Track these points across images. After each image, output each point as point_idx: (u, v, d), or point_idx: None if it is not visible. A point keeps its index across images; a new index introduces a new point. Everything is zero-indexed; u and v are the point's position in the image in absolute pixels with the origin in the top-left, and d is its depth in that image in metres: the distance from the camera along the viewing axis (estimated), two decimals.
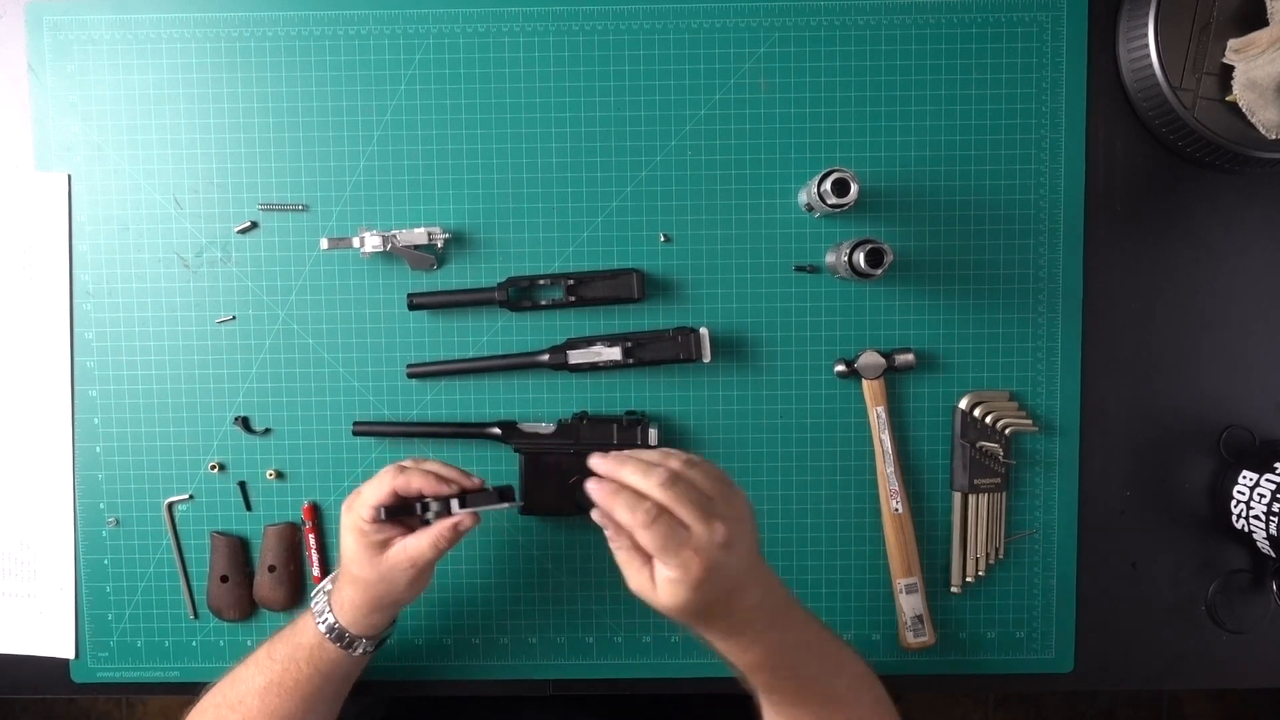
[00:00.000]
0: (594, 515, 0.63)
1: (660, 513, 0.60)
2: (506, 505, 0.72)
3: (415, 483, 0.70)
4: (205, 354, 0.85)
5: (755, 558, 0.65)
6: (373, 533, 0.70)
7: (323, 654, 0.74)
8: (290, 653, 0.74)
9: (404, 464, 0.72)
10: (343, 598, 0.73)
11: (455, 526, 0.71)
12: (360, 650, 0.75)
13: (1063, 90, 0.83)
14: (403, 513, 0.71)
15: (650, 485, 0.60)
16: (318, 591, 0.77)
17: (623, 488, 0.61)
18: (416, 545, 0.70)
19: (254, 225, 0.84)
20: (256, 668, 0.74)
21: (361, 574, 0.71)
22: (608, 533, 0.63)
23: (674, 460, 0.63)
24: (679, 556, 0.59)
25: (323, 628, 0.73)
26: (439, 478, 0.71)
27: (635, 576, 0.62)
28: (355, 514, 0.71)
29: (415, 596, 0.74)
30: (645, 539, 0.60)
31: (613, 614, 0.86)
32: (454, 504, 0.71)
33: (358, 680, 0.87)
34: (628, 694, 0.88)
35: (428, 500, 0.71)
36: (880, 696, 0.73)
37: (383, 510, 0.70)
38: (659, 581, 0.61)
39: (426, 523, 0.71)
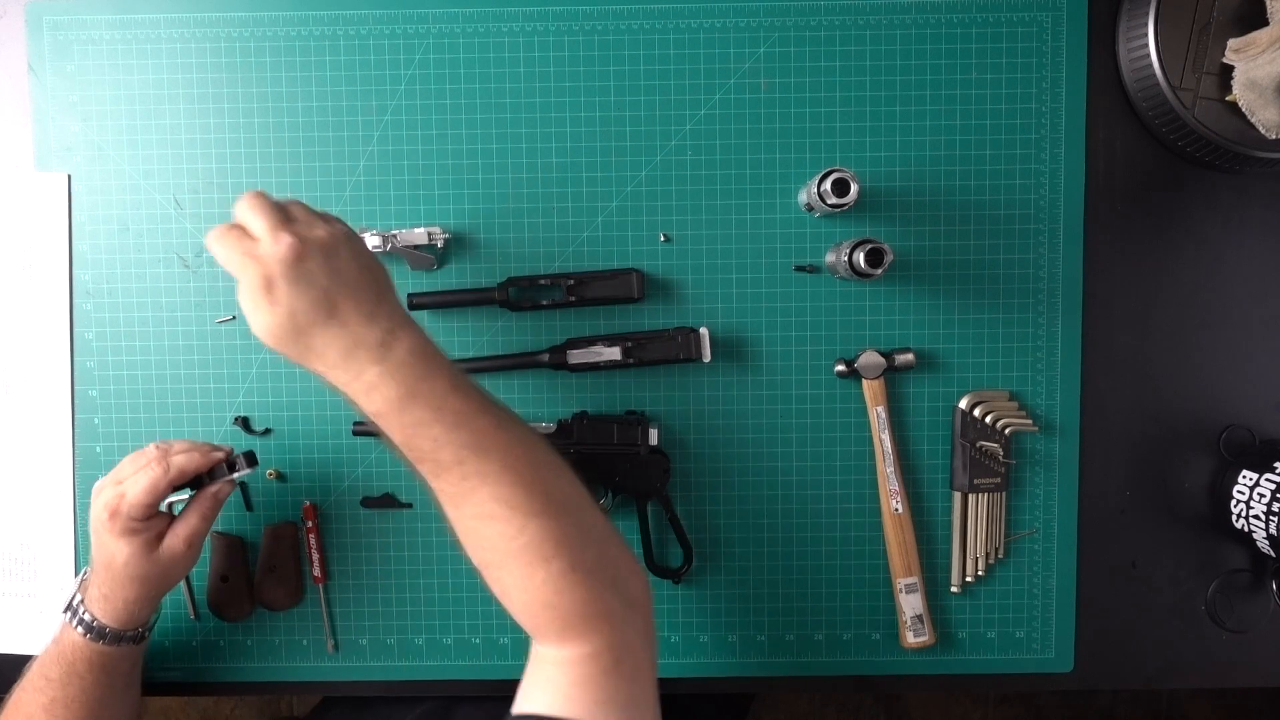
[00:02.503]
0: None
1: (230, 229, 0.61)
2: (252, 470, 0.75)
3: (189, 467, 0.71)
4: (205, 354, 0.85)
5: (364, 293, 0.62)
6: (144, 530, 0.71)
7: (103, 658, 0.73)
8: (65, 670, 0.73)
9: (152, 454, 0.71)
10: (115, 601, 0.72)
11: (215, 495, 0.74)
12: (142, 637, 0.76)
13: (1063, 90, 0.83)
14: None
15: (234, 209, 0.63)
16: (68, 603, 0.74)
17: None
18: (188, 526, 0.73)
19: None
20: (34, 689, 0.74)
21: (140, 572, 0.71)
22: None
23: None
24: (241, 264, 0.60)
25: (92, 638, 0.72)
26: (203, 452, 0.72)
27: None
28: (124, 517, 0.70)
29: (188, 572, 0.76)
30: (217, 253, 0.61)
31: None
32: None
33: (356, 681, 0.87)
34: None
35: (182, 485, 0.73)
36: (541, 477, 0.63)
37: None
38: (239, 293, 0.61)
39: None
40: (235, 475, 0.75)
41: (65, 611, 0.75)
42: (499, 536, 0.62)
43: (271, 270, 0.59)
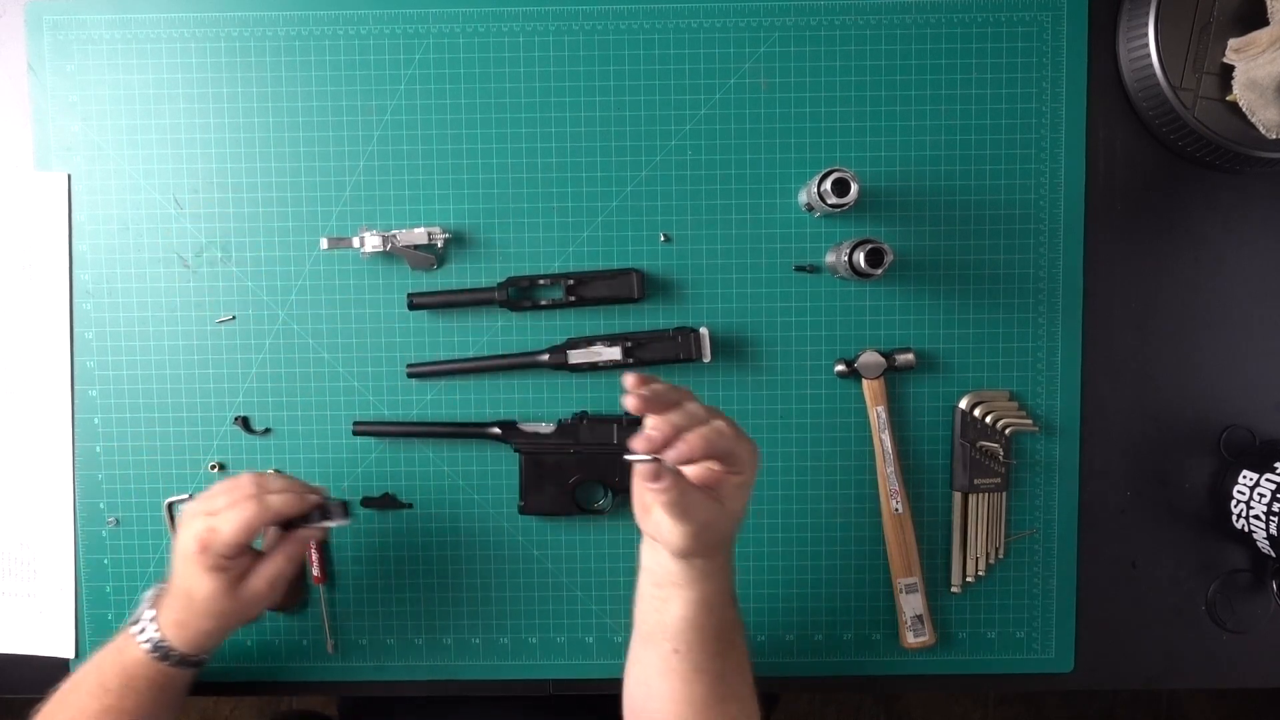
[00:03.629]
0: (637, 469, 0.61)
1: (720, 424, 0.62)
2: (347, 521, 0.74)
3: (285, 510, 0.70)
4: (205, 354, 0.85)
5: None
6: (232, 568, 0.69)
7: (163, 678, 0.73)
8: (125, 683, 0.72)
9: (249, 490, 0.70)
10: (189, 630, 0.71)
11: (304, 540, 0.73)
12: (204, 663, 0.75)
13: (1063, 90, 0.83)
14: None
15: (694, 410, 0.62)
16: (140, 618, 0.73)
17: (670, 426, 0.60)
18: (274, 568, 0.72)
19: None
20: (88, 694, 0.73)
21: (220, 609, 0.70)
22: (647, 479, 0.60)
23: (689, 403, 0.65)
24: (749, 452, 0.63)
25: (158, 658, 0.72)
26: (299, 495, 0.71)
27: (698, 507, 0.61)
28: (214, 554, 0.68)
29: (264, 611, 0.76)
30: (723, 446, 0.60)
31: (613, 614, 0.86)
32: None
33: (358, 681, 0.87)
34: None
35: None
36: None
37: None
38: (730, 493, 0.62)
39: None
40: (328, 524, 0.73)
41: (134, 626, 0.73)
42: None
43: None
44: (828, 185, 0.76)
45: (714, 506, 0.62)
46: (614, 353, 0.83)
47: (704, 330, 0.83)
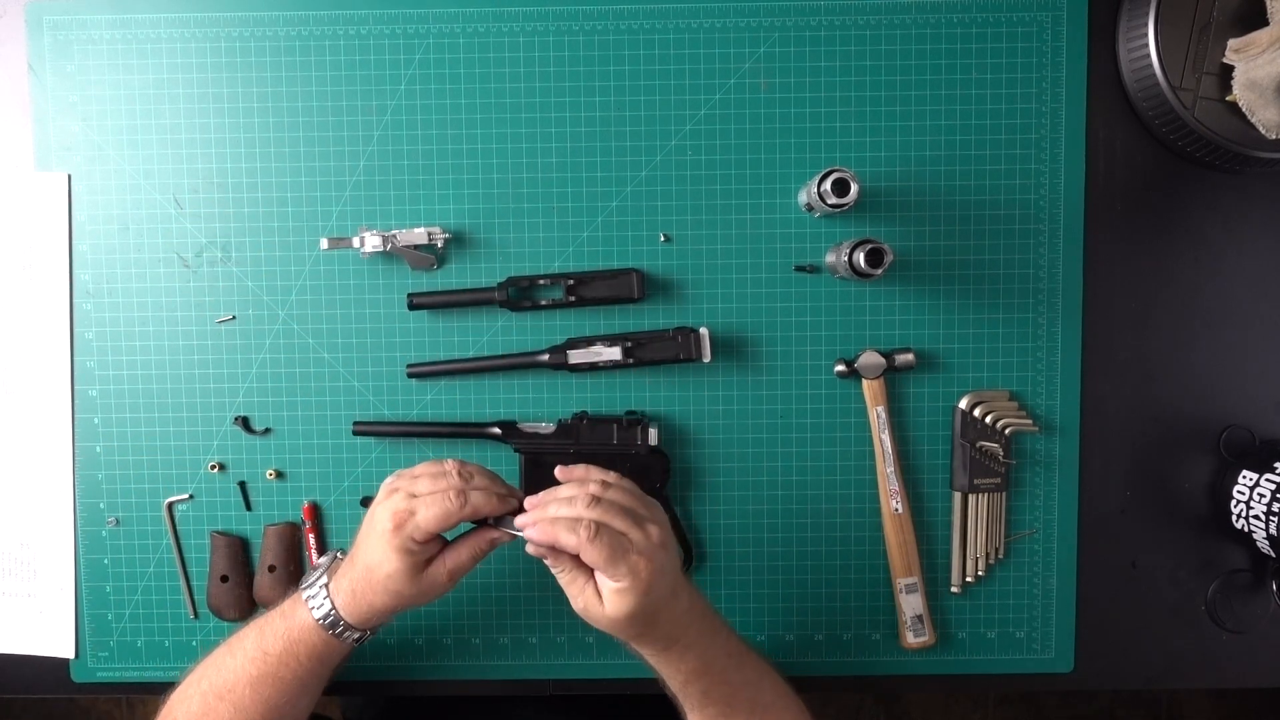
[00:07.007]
0: (529, 550, 0.68)
1: (600, 528, 0.64)
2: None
3: (484, 509, 0.69)
4: (205, 354, 0.85)
5: (678, 563, 0.70)
6: (420, 552, 0.69)
7: (326, 648, 0.72)
8: (287, 648, 0.72)
9: (456, 483, 0.69)
10: (361, 602, 0.71)
11: (493, 540, 0.72)
12: (366, 639, 0.74)
13: (1063, 90, 0.83)
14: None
15: (579, 509, 0.66)
16: (313, 584, 0.73)
17: (556, 518, 0.66)
18: (457, 560, 0.71)
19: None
20: (246, 658, 0.72)
21: (398, 589, 0.70)
22: (548, 561, 0.68)
23: (591, 483, 0.69)
24: (626, 563, 0.64)
25: (325, 626, 0.71)
26: (499, 496, 0.70)
27: (579, 596, 0.67)
28: (406, 536, 0.68)
29: (437, 599, 0.74)
30: (591, 554, 0.64)
31: None
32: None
33: (358, 681, 0.87)
34: (628, 694, 0.88)
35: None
36: (801, 707, 0.75)
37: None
38: (607, 595, 0.65)
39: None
40: (519, 533, 0.70)
41: (306, 591, 0.73)
42: None
43: (655, 564, 0.65)
44: (828, 185, 0.76)
45: (592, 601, 0.66)
46: (614, 353, 0.83)
47: (704, 330, 0.83)
